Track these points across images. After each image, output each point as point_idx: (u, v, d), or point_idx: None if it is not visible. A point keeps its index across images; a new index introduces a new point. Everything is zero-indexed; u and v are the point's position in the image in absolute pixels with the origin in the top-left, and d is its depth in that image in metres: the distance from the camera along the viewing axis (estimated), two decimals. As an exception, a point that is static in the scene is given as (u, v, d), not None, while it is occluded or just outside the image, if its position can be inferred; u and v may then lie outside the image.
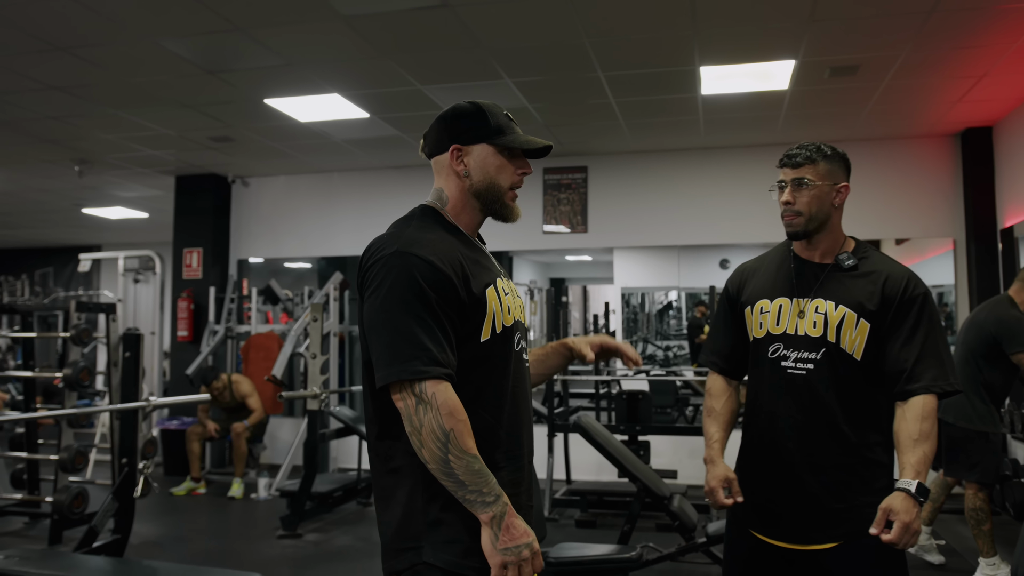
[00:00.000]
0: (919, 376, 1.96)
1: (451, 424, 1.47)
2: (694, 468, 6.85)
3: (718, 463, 2.14)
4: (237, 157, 7.43)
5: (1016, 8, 4.13)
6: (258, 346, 7.48)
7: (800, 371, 2.05)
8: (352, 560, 4.90)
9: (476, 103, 1.71)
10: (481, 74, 5.14)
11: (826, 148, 2.11)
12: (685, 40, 4.60)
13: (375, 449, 1.63)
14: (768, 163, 6.96)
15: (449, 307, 1.54)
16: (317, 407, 5.52)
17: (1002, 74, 5.11)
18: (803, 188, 2.07)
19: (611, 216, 7.45)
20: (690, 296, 12.05)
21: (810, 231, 2.09)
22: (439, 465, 1.47)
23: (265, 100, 5.66)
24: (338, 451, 7.64)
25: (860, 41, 4.59)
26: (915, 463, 1.89)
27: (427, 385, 1.48)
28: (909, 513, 1.84)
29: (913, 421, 1.93)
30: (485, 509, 1.48)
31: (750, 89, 5.47)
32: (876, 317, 2.00)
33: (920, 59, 4.84)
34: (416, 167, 7.80)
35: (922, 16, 4.22)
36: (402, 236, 1.59)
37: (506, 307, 1.64)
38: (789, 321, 2.09)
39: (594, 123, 6.34)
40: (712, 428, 2.22)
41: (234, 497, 6.57)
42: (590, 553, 3.79)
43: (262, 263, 8.73)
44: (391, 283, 1.52)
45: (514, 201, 1.74)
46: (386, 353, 1.51)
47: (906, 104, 5.75)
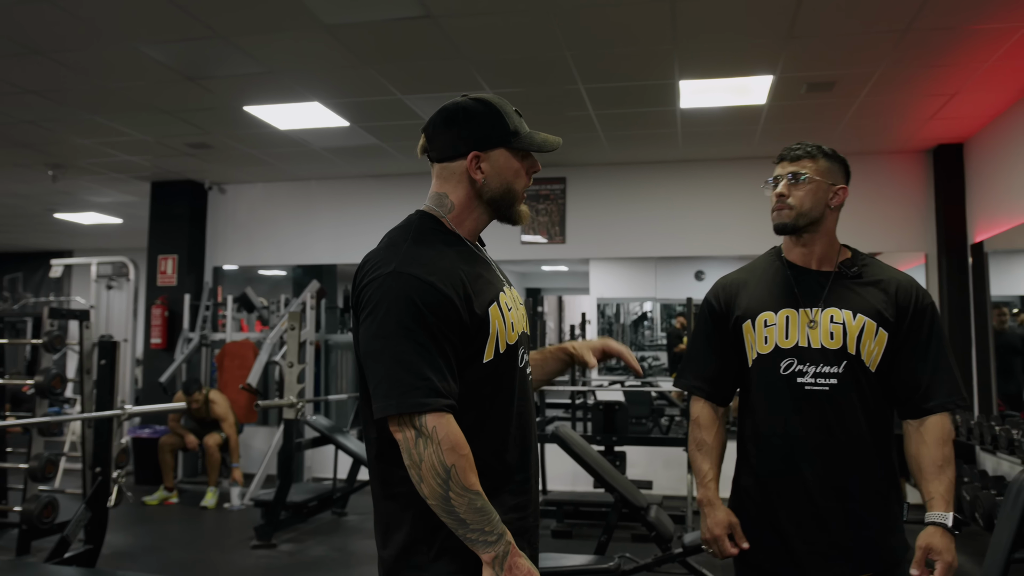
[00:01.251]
0: (934, 392, 1.86)
1: (453, 460, 1.38)
2: (669, 479, 6.89)
3: (717, 506, 1.97)
4: (214, 164, 7.39)
5: (986, 29, 4.22)
6: (233, 354, 7.42)
7: (822, 387, 1.88)
8: (327, 571, 4.86)
9: (486, 101, 1.57)
10: (462, 85, 5.16)
11: (827, 148, 1.99)
12: (665, 54, 4.65)
13: (375, 472, 1.55)
14: (745, 176, 7.12)
15: (450, 330, 1.44)
16: (294, 416, 5.48)
17: (973, 93, 5.21)
18: (800, 182, 1.93)
19: (589, 227, 7.49)
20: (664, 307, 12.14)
21: (799, 227, 1.94)
22: (439, 502, 1.39)
23: (245, 107, 5.64)
24: (313, 460, 7.59)
25: (837, 58, 4.67)
26: (944, 492, 1.79)
27: (428, 418, 1.38)
28: (950, 551, 1.75)
29: (935, 445, 1.83)
30: (487, 549, 1.39)
31: (728, 103, 5.54)
32: (893, 327, 1.88)
33: (894, 76, 4.93)
34: (395, 176, 7.80)
35: (897, 35, 4.30)
36: (399, 253, 1.48)
37: (510, 324, 1.55)
38: (800, 333, 1.91)
39: (573, 134, 6.37)
40: (705, 465, 2.02)
41: (207, 507, 6.50)
42: (568, 564, 3.80)
43: (236, 270, 8.67)
44: (388, 306, 1.42)
45: (522, 202, 1.64)
46: (384, 383, 1.41)
47: (880, 120, 5.85)
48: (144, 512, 6.38)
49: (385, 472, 1.52)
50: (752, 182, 7.12)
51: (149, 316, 8.01)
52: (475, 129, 1.55)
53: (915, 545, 1.79)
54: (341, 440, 5.89)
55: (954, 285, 6.39)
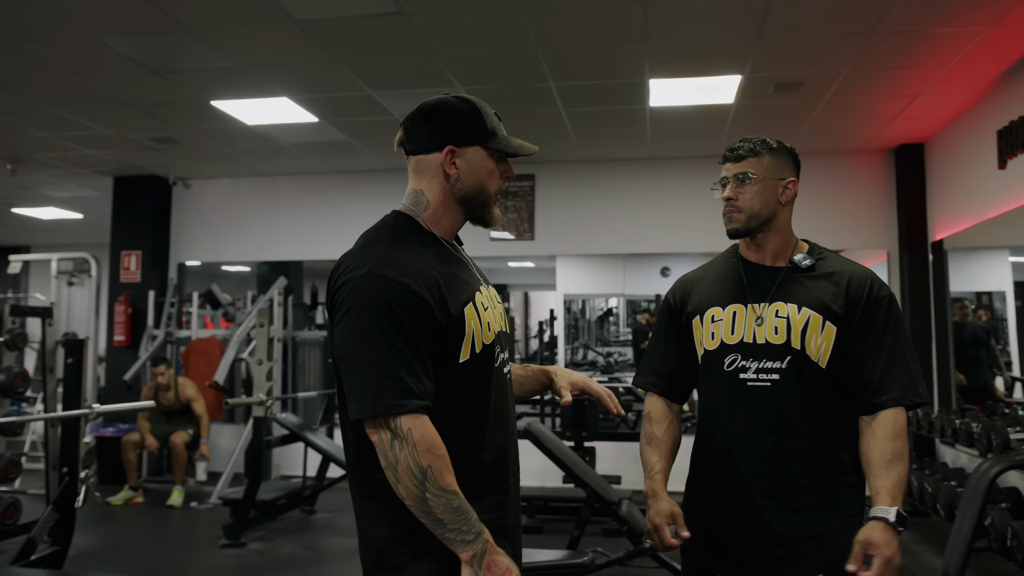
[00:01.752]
0: (887, 387, 1.77)
1: (428, 461, 1.39)
2: (638, 473, 6.88)
3: (661, 497, 1.92)
4: (179, 159, 7.28)
5: (947, 33, 4.32)
6: (199, 351, 7.34)
7: (764, 383, 1.83)
8: (298, 569, 4.84)
9: (468, 100, 1.58)
10: (433, 81, 5.15)
11: (772, 141, 1.92)
12: (636, 53, 4.69)
13: (353, 473, 1.55)
14: (712, 174, 7.12)
15: (425, 332, 1.44)
16: (263, 414, 5.44)
17: (934, 94, 5.33)
18: (745, 183, 1.88)
19: (558, 224, 7.52)
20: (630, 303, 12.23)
21: (752, 228, 1.90)
22: (416, 503, 1.40)
23: (212, 102, 5.57)
24: (280, 458, 7.53)
25: (804, 59, 4.74)
26: (890, 487, 1.71)
27: (403, 420, 1.39)
28: (890, 546, 1.66)
29: (884, 440, 1.74)
30: (465, 548, 1.41)
31: (697, 102, 5.60)
32: (842, 320, 1.81)
33: (859, 78, 5.03)
34: (365, 172, 7.76)
35: (862, 37, 4.39)
36: (373, 254, 1.48)
37: (486, 324, 1.55)
38: (746, 329, 1.87)
39: (543, 132, 6.39)
40: (653, 457, 1.98)
41: (173, 506, 6.42)
42: (543, 559, 3.83)
43: (199, 267, 8.56)
44: (362, 308, 1.42)
45: (496, 204, 1.65)
46: (359, 385, 1.41)
47: (845, 120, 5.95)
48: (109, 512, 6.28)
49: (363, 474, 1.52)
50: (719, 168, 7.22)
51: (112, 313, 7.88)
52: (453, 124, 1.56)
53: (854, 540, 1.70)
54: (311, 437, 5.86)
55: (915, 282, 6.54)
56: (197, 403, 6.73)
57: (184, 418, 6.78)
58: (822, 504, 1.80)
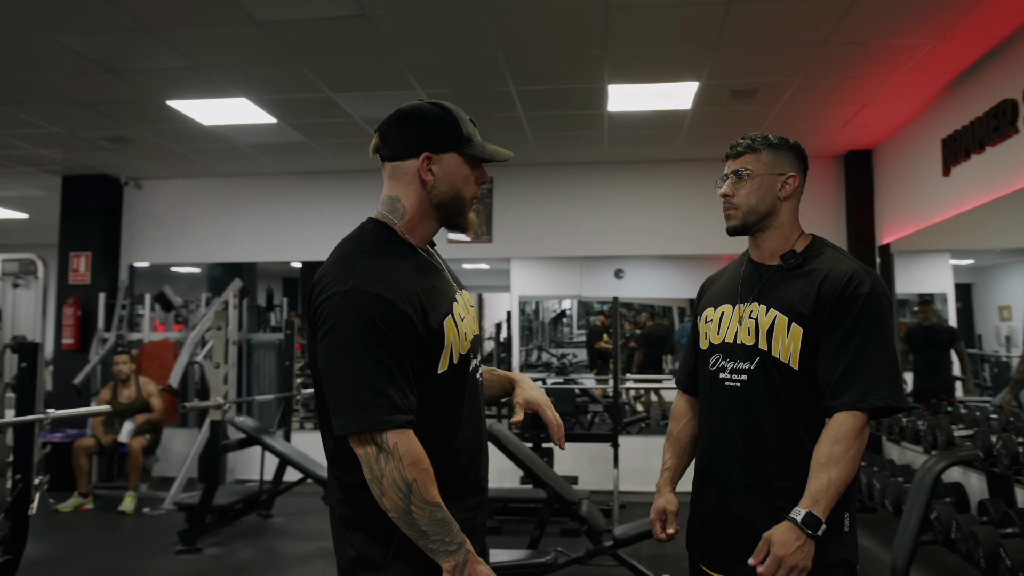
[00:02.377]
0: (843, 391, 1.71)
1: (414, 475, 1.41)
2: (595, 474, 7.04)
3: (661, 493, 1.99)
4: (131, 158, 7.15)
5: (895, 45, 4.48)
6: (152, 354, 7.22)
7: (735, 383, 1.85)
8: (256, 574, 4.80)
9: (444, 106, 1.59)
10: (394, 84, 5.16)
11: (773, 137, 1.89)
12: (597, 59, 4.76)
13: (333, 479, 1.58)
14: (669, 178, 7.34)
15: (408, 346, 1.46)
16: (220, 417, 5.38)
17: (882, 103, 5.51)
18: (742, 180, 1.87)
19: (515, 226, 7.57)
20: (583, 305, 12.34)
21: (749, 225, 1.89)
22: (401, 515, 1.42)
23: (168, 102, 5.49)
24: (235, 462, 7.43)
25: (759, 67, 4.86)
26: (814, 490, 1.68)
27: (388, 435, 1.41)
28: (785, 546, 1.64)
29: (825, 442, 1.70)
30: (448, 558, 1.43)
31: (654, 108, 5.70)
32: (809, 321, 1.76)
33: (812, 86, 5.17)
34: (322, 174, 7.72)
35: (816, 47, 4.52)
36: (356, 269, 1.48)
37: (463, 334, 1.57)
38: (729, 329, 1.89)
39: (501, 135, 6.43)
40: (667, 454, 2.05)
41: (125, 512, 6.29)
42: (507, 559, 3.86)
43: (148, 268, 8.40)
44: (347, 324, 1.43)
45: (471, 210, 1.66)
46: (345, 400, 1.42)
47: (797, 127, 6.11)
48: (58, 520, 6.14)
49: (341, 480, 1.54)
50: (675, 184, 7.37)
51: (60, 316, 7.70)
52: (429, 130, 1.57)
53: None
54: (268, 441, 5.81)
55: (863, 284, 6.72)
56: (156, 400, 6.66)
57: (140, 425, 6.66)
58: (792, 504, 1.73)
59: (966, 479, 4.77)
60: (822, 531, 1.66)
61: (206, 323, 6.93)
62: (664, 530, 1.96)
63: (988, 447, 3.69)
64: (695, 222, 7.28)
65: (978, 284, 6.40)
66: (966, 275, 6.47)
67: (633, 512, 6.15)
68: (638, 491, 7.03)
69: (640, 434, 8.08)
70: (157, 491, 6.95)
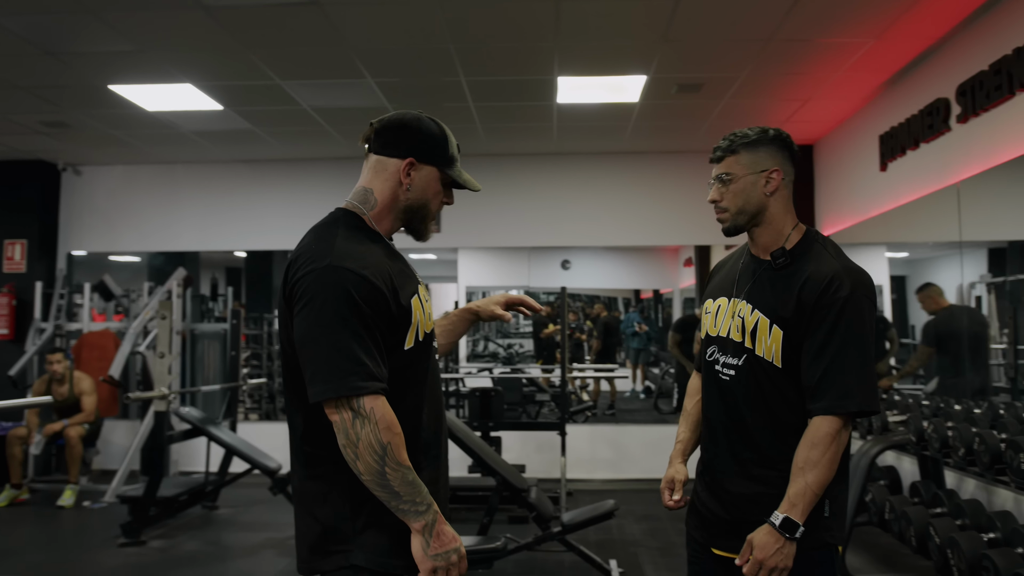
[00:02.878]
0: (821, 394, 1.76)
1: (389, 438, 1.50)
2: (541, 462, 7.12)
3: (672, 463, 2.06)
4: (70, 144, 6.97)
5: (839, 43, 4.62)
6: (92, 345, 7.05)
7: (726, 377, 1.93)
8: (202, 565, 4.75)
9: (442, 126, 1.73)
10: (344, 73, 5.13)
11: (752, 133, 1.91)
12: (547, 51, 4.80)
13: (300, 456, 1.64)
14: (616, 170, 7.43)
15: (381, 320, 1.55)
16: (165, 408, 5.30)
17: (823, 99, 5.67)
18: (726, 183, 1.90)
19: (464, 217, 7.57)
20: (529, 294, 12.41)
21: (741, 226, 1.92)
22: (375, 477, 1.50)
23: (110, 86, 5.36)
24: (179, 454, 7.33)
25: (706, 62, 4.96)
26: (792, 495, 1.74)
27: (365, 400, 1.49)
28: (764, 549, 1.73)
29: (803, 447, 1.76)
30: (418, 518, 1.52)
31: (603, 100, 5.77)
32: (789, 324, 1.81)
33: (756, 81, 5.30)
34: (268, 162, 7.62)
35: (761, 43, 4.63)
36: (334, 249, 1.57)
37: (427, 314, 1.69)
38: (723, 323, 1.96)
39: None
40: (681, 428, 2.13)
41: (64, 506, 6.14)
42: (456, 546, 3.87)
43: (86, 257, 8.20)
44: (325, 297, 1.51)
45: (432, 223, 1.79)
46: (324, 368, 1.50)
47: (742, 121, 6.24)
48: (-7, 514, 5.99)
49: (310, 455, 1.62)
50: (623, 176, 7.47)
51: (-7, 305, 7.47)
52: (422, 140, 1.69)
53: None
54: (214, 432, 5.73)
55: (803, 276, 6.90)
56: (88, 398, 6.48)
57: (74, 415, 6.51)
58: (769, 491, 1.81)
59: (899, 463, 4.96)
60: (800, 533, 1.73)
61: (149, 312, 6.81)
62: (671, 497, 2.02)
63: (920, 432, 3.85)
64: (642, 214, 7.39)
65: (912, 276, 6.63)
66: (901, 267, 6.70)
67: (580, 499, 6.24)
68: (585, 478, 7.14)
69: (587, 423, 8.18)
70: (98, 484, 6.81)
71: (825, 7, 4.14)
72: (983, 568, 3.01)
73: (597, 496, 6.21)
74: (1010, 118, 3.95)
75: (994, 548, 3.13)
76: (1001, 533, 3.23)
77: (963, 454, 3.39)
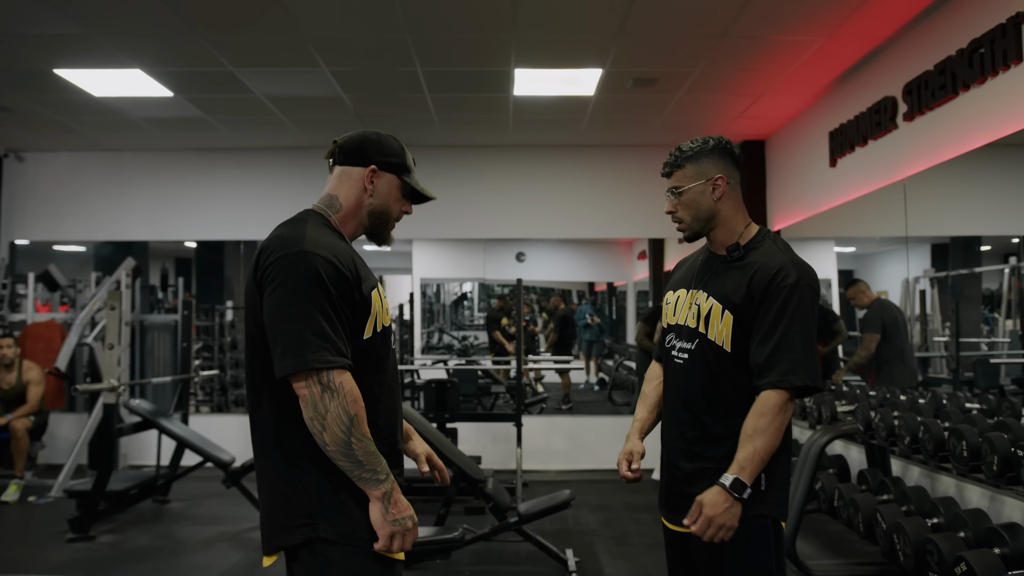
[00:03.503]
0: (768, 371, 1.91)
1: (355, 410, 1.61)
2: (497, 453, 7.15)
3: (629, 438, 2.17)
4: (12, 129, 6.77)
5: (791, 40, 4.70)
6: (36, 336, 6.88)
7: (680, 360, 2.09)
8: (153, 559, 4.67)
9: (399, 141, 1.91)
10: (298, 61, 5.06)
11: (691, 147, 2.07)
12: (504, 43, 4.80)
13: (263, 432, 1.72)
14: (571, 163, 7.47)
15: (347, 304, 1.67)
16: (114, 400, 5.19)
17: (775, 96, 5.76)
18: (678, 196, 2.07)
19: (418, 208, 7.42)
20: (483, 288, 12.43)
21: (699, 232, 2.09)
22: (340, 447, 1.59)
23: (55, 70, 5.22)
24: (128, 447, 7.18)
25: (660, 57, 5.01)
26: (741, 458, 1.88)
27: (334, 374, 1.60)
28: (714, 507, 1.85)
29: (752, 416, 1.91)
30: (378, 487, 1.64)
31: (559, 93, 5.79)
32: (739, 310, 1.97)
33: (710, 77, 5.36)
34: (220, 151, 7.48)
35: (715, 39, 4.69)
36: (305, 237, 1.68)
37: (386, 308, 1.82)
38: (681, 312, 2.12)
39: (406, 116, 6.40)
40: (639, 408, 2.26)
41: (7, 502, 5.99)
42: (413, 537, 3.87)
43: (29, 246, 8.00)
44: (297, 280, 1.61)
45: (392, 230, 1.95)
46: (294, 344, 1.59)
47: (696, 116, 6.32)
48: (-67, 510, 5.81)
49: (276, 432, 1.70)
50: (578, 169, 7.51)
51: (-68, 295, 7.23)
52: (383, 151, 1.87)
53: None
54: (165, 424, 5.63)
55: (754, 269, 7.02)
56: (35, 388, 6.32)
57: (20, 406, 6.34)
58: (717, 468, 1.95)
59: (847, 451, 5.09)
60: (747, 494, 1.88)
61: (96, 303, 6.66)
62: (628, 469, 2.11)
63: (867, 421, 3.95)
64: (597, 207, 7.44)
65: (859, 270, 6.79)
66: (849, 262, 6.86)
67: (536, 490, 6.28)
68: (540, 469, 7.19)
69: (542, 414, 8.23)
70: (43, 479, 6.65)
71: (777, 5, 4.21)
72: (927, 552, 3.11)
73: (553, 487, 6.27)
74: (954, 117, 4.07)
75: (938, 532, 3.23)
76: (944, 518, 3.34)
77: (908, 442, 3.49)
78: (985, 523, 3.10)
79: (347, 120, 6.38)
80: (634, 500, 6.05)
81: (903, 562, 3.32)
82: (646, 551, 4.73)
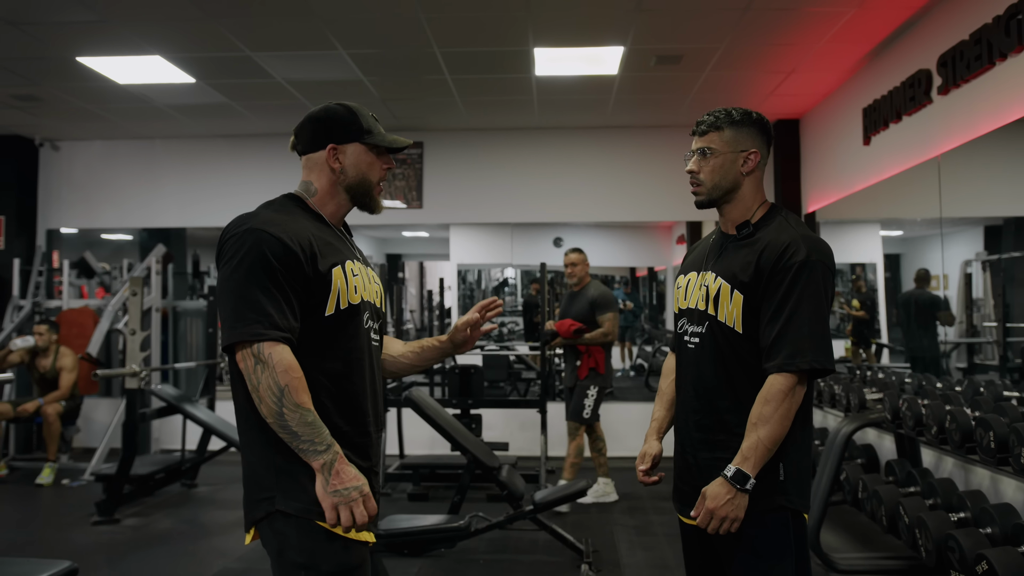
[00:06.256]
0: (775, 353, 1.83)
1: (286, 380, 1.60)
2: (525, 440, 7.07)
3: (648, 440, 2.12)
4: (45, 118, 6.87)
5: (820, 11, 4.49)
6: (71, 322, 6.99)
7: (692, 345, 2.01)
8: (174, 543, 4.70)
9: (346, 105, 1.85)
10: (315, 44, 5.01)
11: (736, 113, 1.98)
12: (519, 21, 4.68)
13: (237, 411, 1.74)
14: (599, 145, 7.31)
15: (295, 280, 1.67)
16: (136, 385, 5.24)
17: (808, 71, 5.54)
18: (707, 157, 1.97)
19: (446, 192, 7.48)
20: (525, 274, 12.35)
21: (715, 199, 1.99)
22: (275, 419, 1.60)
23: (78, 58, 5.26)
24: (160, 432, 7.30)
25: (683, 32, 4.84)
26: (744, 448, 1.82)
27: (264, 346, 1.61)
28: (716, 499, 1.81)
29: (757, 403, 1.83)
30: (317, 457, 1.62)
31: (582, 72, 5.65)
32: (749, 289, 1.88)
33: (737, 52, 5.17)
34: (247, 137, 7.51)
35: (739, 12, 4.51)
36: (258, 216, 1.71)
37: (352, 287, 1.77)
38: (691, 295, 2.04)
39: (430, 99, 6.33)
40: (656, 407, 2.20)
41: (43, 484, 6.11)
42: (420, 524, 3.84)
43: (76, 234, 8.14)
44: (242, 256, 1.64)
45: (380, 194, 1.91)
46: (230, 317, 1.64)
47: (725, 94, 6.13)
48: (-30, 491, 5.95)
49: (244, 408, 1.71)
50: (607, 151, 7.36)
51: (-28, 282, 7.40)
52: (333, 126, 1.83)
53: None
54: (189, 409, 5.68)
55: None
56: (68, 375, 6.43)
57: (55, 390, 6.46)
58: (731, 456, 1.86)
59: (879, 441, 4.90)
60: (750, 485, 1.81)
61: (126, 290, 6.74)
62: (644, 472, 2.09)
63: (895, 409, 3.78)
64: (628, 189, 7.29)
65: (907, 255, 6.54)
66: (896, 246, 6.61)
67: (561, 477, 6.19)
68: (568, 456, 7.08)
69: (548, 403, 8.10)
70: (79, 462, 6.78)
71: (802, -26, 4.03)
72: (948, 548, 2.95)
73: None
74: (990, 89, 3.85)
75: (961, 528, 3.07)
76: (970, 513, 3.17)
77: (935, 432, 3.32)
78: (1013, 519, 2.93)
79: (372, 105, 6.32)
80: (661, 489, 5.92)
81: (925, 558, 3.17)
82: (667, 541, 4.62)
